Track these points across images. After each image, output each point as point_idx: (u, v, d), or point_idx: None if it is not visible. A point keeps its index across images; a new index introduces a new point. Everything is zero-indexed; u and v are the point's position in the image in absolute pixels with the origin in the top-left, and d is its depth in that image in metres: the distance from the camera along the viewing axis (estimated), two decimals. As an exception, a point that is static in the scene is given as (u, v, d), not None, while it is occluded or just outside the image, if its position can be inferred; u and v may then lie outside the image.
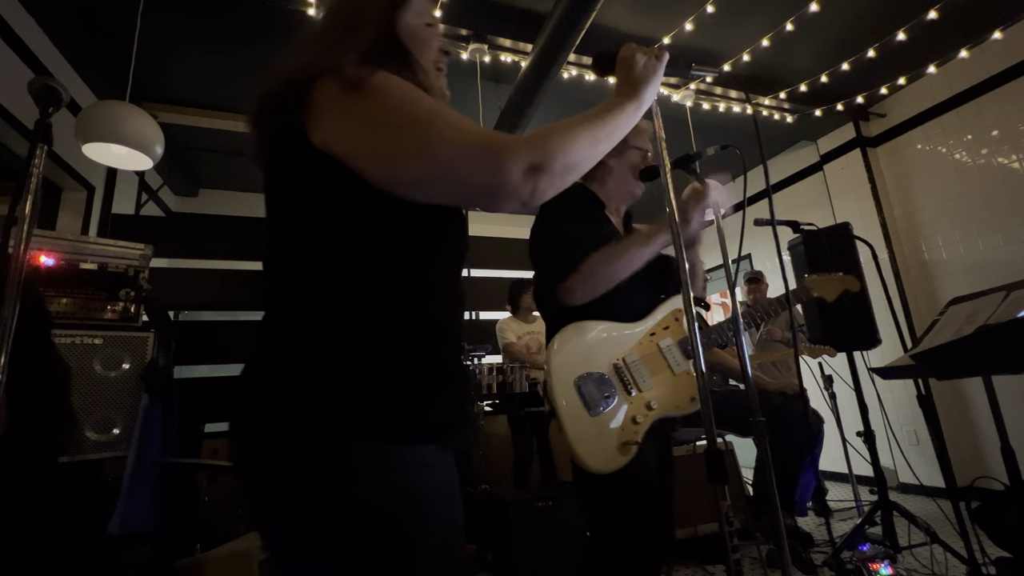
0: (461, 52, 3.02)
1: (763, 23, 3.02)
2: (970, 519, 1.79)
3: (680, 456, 2.59)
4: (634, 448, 1.14)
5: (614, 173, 1.42)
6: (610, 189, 1.43)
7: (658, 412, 1.20)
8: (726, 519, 0.91)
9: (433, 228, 0.70)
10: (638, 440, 1.15)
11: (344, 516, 0.56)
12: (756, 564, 2.33)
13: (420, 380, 0.64)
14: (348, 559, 0.56)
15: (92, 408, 1.98)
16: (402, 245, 0.67)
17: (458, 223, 0.75)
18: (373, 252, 0.65)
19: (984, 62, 3.35)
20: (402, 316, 0.65)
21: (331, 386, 0.59)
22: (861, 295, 2.31)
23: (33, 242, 0.97)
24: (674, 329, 1.32)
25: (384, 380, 0.61)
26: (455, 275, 0.75)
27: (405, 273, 0.66)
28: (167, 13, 2.70)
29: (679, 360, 1.28)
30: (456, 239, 0.74)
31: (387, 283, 0.65)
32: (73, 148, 2.28)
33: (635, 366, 1.24)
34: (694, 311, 0.98)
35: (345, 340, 0.61)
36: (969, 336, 1.25)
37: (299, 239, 0.65)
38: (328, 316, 0.62)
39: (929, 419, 1.94)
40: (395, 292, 0.65)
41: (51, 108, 0.98)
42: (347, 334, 0.61)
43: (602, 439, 1.14)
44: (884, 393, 3.38)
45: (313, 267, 0.63)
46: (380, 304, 0.63)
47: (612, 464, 1.12)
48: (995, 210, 3.32)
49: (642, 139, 1.44)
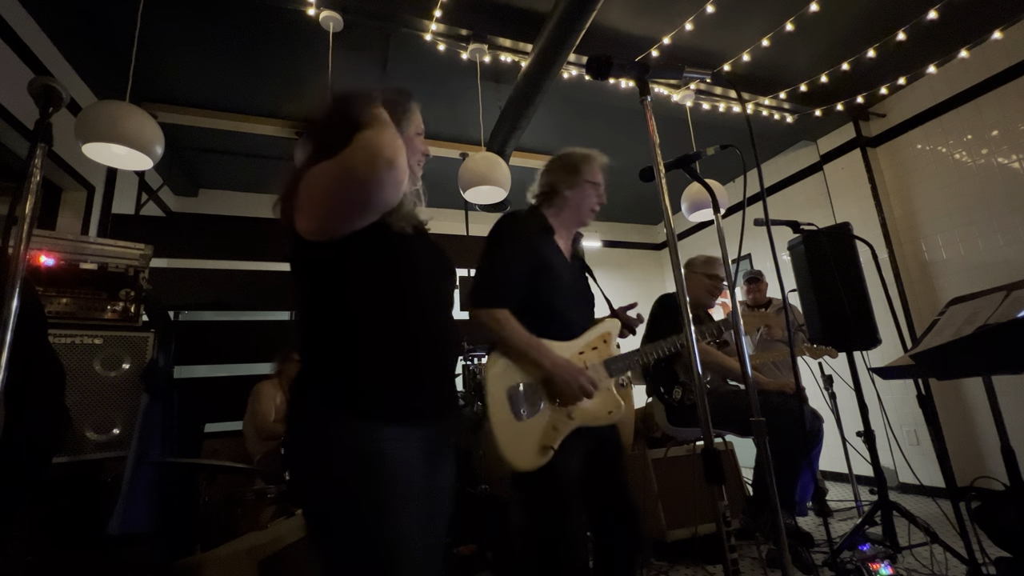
0: (461, 52, 3.02)
1: (763, 23, 3.02)
2: (970, 519, 1.78)
3: (680, 456, 2.60)
4: (551, 451, 1.29)
5: (569, 204, 1.54)
6: (564, 218, 1.55)
7: (577, 422, 1.36)
8: (724, 519, 0.91)
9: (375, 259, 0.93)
10: (554, 445, 1.30)
11: (325, 470, 0.83)
12: (756, 564, 2.33)
13: (383, 378, 0.87)
14: (332, 497, 0.83)
15: (92, 408, 1.98)
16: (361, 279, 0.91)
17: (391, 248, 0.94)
18: (349, 291, 0.91)
19: (984, 62, 3.35)
20: (371, 333, 0.88)
21: (320, 387, 0.88)
22: (861, 295, 2.31)
23: (33, 242, 0.97)
24: (601, 350, 1.47)
25: (353, 380, 0.86)
26: (419, 292, 0.95)
27: (370, 301, 0.90)
28: (167, 13, 2.70)
29: (602, 377, 1.42)
30: (399, 263, 0.94)
31: (359, 310, 0.89)
32: (73, 148, 2.28)
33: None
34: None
35: (334, 357, 0.88)
36: (969, 336, 1.25)
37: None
38: (325, 339, 0.89)
39: (929, 419, 1.93)
40: (365, 315, 0.89)
41: (51, 108, 0.98)
42: (335, 353, 0.88)
43: (525, 442, 1.29)
44: (884, 393, 3.38)
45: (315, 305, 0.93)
46: (354, 326, 0.89)
47: (531, 463, 1.27)
48: (995, 210, 3.32)
49: (595, 172, 1.57)
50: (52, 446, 1.51)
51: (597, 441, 1.43)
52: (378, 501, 0.81)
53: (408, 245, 0.96)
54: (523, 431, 1.30)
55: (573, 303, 1.47)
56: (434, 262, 1.03)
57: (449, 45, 2.97)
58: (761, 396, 2.34)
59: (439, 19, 2.81)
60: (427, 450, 0.91)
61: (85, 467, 1.92)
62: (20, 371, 0.91)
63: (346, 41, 2.85)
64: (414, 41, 2.92)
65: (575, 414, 1.36)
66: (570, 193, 1.53)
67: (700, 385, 0.96)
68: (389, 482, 0.82)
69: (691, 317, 1.00)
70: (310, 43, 2.88)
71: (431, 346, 0.94)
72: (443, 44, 2.95)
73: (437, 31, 2.88)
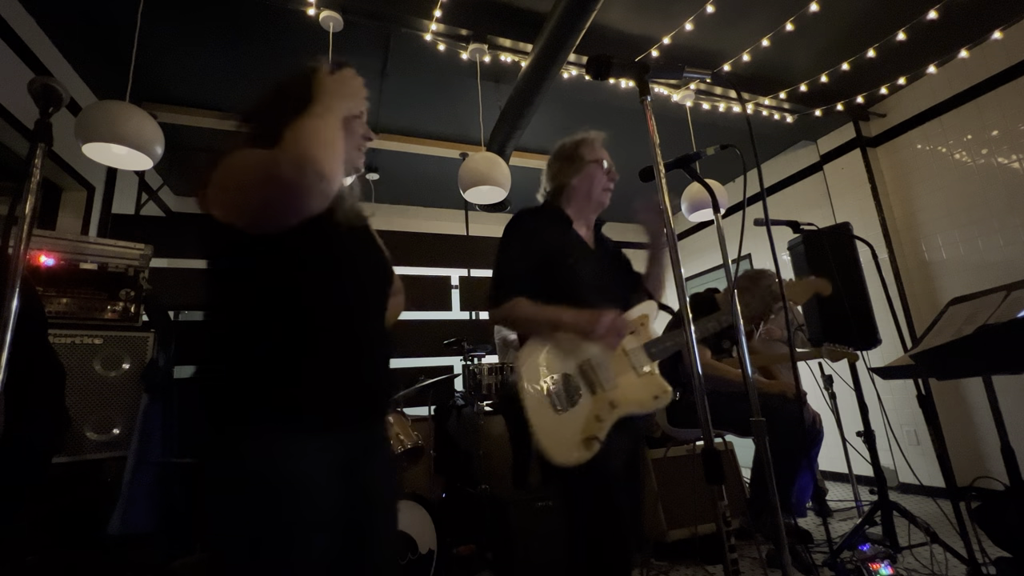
0: (461, 52, 3.02)
1: (763, 23, 3.02)
2: (970, 519, 1.78)
3: (679, 456, 2.60)
4: (596, 443, 1.20)
5: (579, 191, 1.49)
6: (579, 207, 1.50)
7: (621, 410, 1.27)
8: (724, 519, 0.91)
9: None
10: (600, 436, 1.21)
11: (226, 495, 0.76)
12: (756, 564, 2.33)
13: (295, 386, 0.79)
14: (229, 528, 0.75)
15: (92, 408, 1.98)
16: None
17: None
18: (265, 288, 0.84)
19: (984, 62, 3.35)
20: (283, 335, 0.81)
21: (226, 395, 0.80)
22: (861, 295, 2.31)
23: (33, 242, 0.97)
24: (639, 333, 1.39)
25: (260, 388, 0.79)
26: (343, 292, 0.88)
27: (284, 299, 0.83)
28: (167, 13, 2.70)
29: (642, 361, 1.35)
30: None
31: (272, 310, 0.82)
32: (73, 148, 2.28)
33: (600, 367, 1.30)
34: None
35: (240, 362, 0.81)
36: (969, 336, 1.25)
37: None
38: (234, 341, 0.83)
39: (929, 419, 1.93)
40: (278, 315, 0.82)
41: (51, 108, 0.98)
42: (242, 358, 0.81)
43: (566, 434, 1.21)
44: (884, 393, 3.38)
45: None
46: (267, 327, 0.81)
47: (575, 457, 1.19)
48: (995, 210, 3.31)
49: (595, 151, 1.51)
50: (52, 446, 1.51)
51: (636, 444, 1.37)
52: (276, 536, 0.73)
53: (338, 241, 0.90)
54: (564, 423, 1.23)
55: (599, 291, 1.38)
56: (366, 261, 0.96)
57: (449, 45, 2.97)
58: (761, 398, 2.34)
59: (439, 19, 2.81)
60: (350, 459, 0.84)
61: (85, 467, 1.92)
62: (20, 371, 0.91)
63: (346, 41, 2.86)
64: (414, 41, 2.92)
65: (619, 402, 1.27)
66: (576, 180, 1.48)
67: (700, 385, 0.96)
68: (290, 513, 0.74)
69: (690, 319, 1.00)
70: (310, 43, 2.88)
71: (352, 350, 0.86)
72: (443, 44, 2.95)
73: (437, 31, 2.88)
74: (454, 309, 4.19)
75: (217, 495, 0.75)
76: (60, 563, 1.72)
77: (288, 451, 0.76)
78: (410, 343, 3.82)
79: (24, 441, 1.20)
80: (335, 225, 0.89)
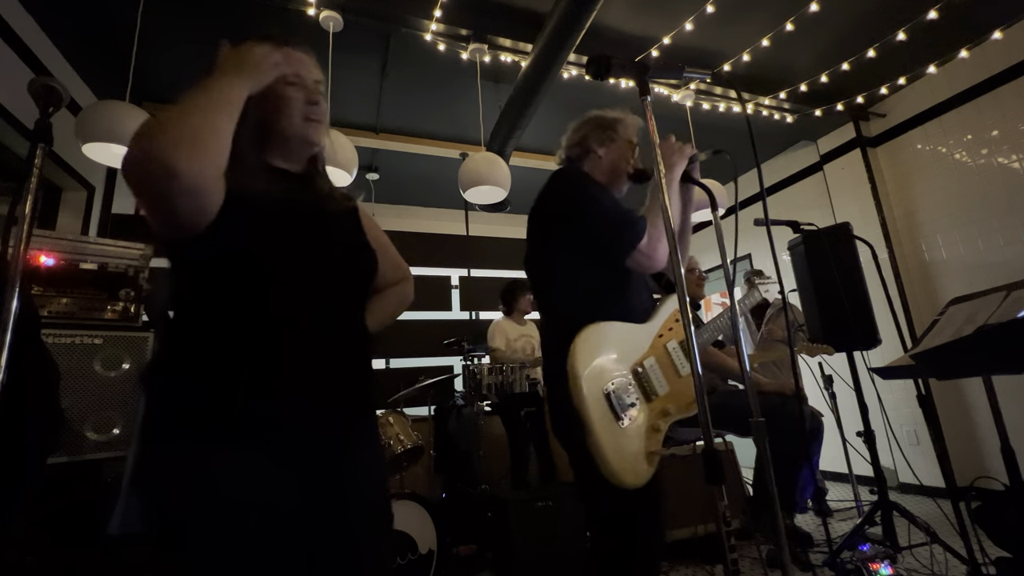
0: (461, 52, 3.02)
1: (763, 23, 3.02)
2: (970, 519, 1.78)
3: (680, 456, 2.60)
4: (657, 458, 1.10)
5: (602, 164, 1.39)
6: (597, 177, 1.40)
7: (672, 418, 1.17)
8: (724, 519, 0.91)
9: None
10: (659, 450, 1.12)
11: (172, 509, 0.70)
12: (756, 564, 2.33)
13: (238, 386, 0.72)
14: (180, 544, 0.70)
15: (92, 408, 1.97)
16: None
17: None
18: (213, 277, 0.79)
19: (984, 62, 3.35)
20: (197, 356, 0.75)
21: (166, 396, 0.75)
22: (861, 295, 2.31)
23: (33, 242, 0.97)
24: (676, 330, 1.28)
25: (202, 387, 0.73)
26: (297, 281, 0.80)
27: (232, 291, 0.77)
28: (167, 13, 2.70)
29: (683, 361, 1.25)
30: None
31: (215, 302, 0.77)
32: (73, 148, 2.28)
33: (652, 371, 1.20)
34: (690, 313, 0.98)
35: (182, 359, 0.77)
36: (969, 336, 1.25)
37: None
38: (178, 337, 0.80)
39: (929, 419, 1.93)
40: (224, 308, 0.76)
41: (51, 108, 0.98)
42: (184, 354, 0.77)
43: (632, 450, 1.08)
44: (884, 393, 3.37)
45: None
46: (212, 322, 0.77)
47: (644, 477, 1.07)
48: (995, 210, 3.32)
49: (630, 132, 1.42)
50: (46, 447, 1.50)
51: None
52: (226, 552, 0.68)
53: (279, 230, 0.80)
54: (627, 437, 1.09)
55: (637, 279, 1.29)
56: (326, 251, 0.86)
57: (449, 45, 2.97)
58: (760, 397, 2.34)
59: (439, 19, 2.81)
60: (307, 464, 0.77)
61: (85, 467, 1.92)
62: (13, 372, 0.91)
63: (346, 41, 2.85)
64: (414, 41, 2.92)
65: (671, 408, 1.17)
66: (603, 151, 1.38)
67: (700, 385, 0.96)
68: (239, 530, 0.69)
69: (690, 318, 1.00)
70: (310, 43, 2.88)
71: (305, 348, 0.78)
72: (443, 44, 2.95)
73: (437, 31, 2.88)
74: (454, 309, 4.20)
75: (151, 503, 0.71)
76: (60, 563, 1.71)
77: (211, 463, 0.70)
78: (410, 343, 3.83)
79: (17, 442, 1.20)
80: (286, 212, 0.82)
